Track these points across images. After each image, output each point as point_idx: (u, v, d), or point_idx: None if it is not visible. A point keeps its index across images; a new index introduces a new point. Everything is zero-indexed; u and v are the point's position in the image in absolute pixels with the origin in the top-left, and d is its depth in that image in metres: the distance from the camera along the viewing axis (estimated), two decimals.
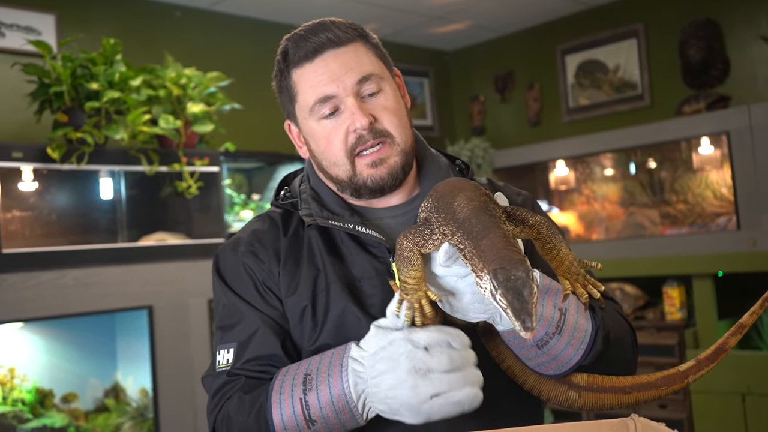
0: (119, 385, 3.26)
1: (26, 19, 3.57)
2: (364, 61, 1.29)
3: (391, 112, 1.29)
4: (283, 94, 1.36)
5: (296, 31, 1.32)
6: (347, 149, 1.28)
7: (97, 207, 3.25)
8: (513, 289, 0.94)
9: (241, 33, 4.42)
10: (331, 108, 1.28)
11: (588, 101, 4.80)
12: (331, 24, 1.30)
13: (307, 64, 1.29)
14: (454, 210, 1.06)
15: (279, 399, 1.15)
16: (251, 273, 1.32)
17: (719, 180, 3.96)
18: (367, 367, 1.09)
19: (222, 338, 1.30)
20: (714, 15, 4.24)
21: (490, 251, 0.99)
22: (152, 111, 3.24)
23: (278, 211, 1.39)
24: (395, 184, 1.31)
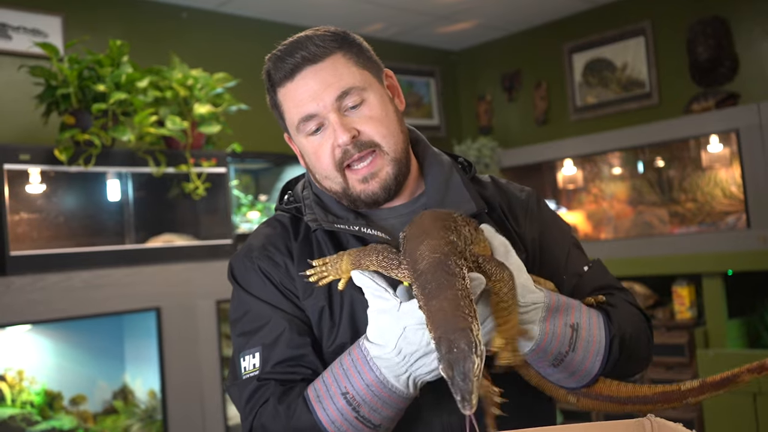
0: (127, 387, 3.26)
1: (33, 21, 3.58)
2: (343, 74, 1.27)
3: (377, 121, 1.28)
4: (275, 111, 1.37)
5: (275, 51, 1.33)
6: (335, 163, 1.28)
7: (105, 209, 3.25)
8: (455, 362, 0.92)
9: (247, 34, 4.42)
10: (316, 125, 1.28)
11: (595, 100, 4.78)
12: (306, 40, 1.29)
13: (288, 84, 1.30)
14: (416, 259, 1.06)
15: (321, 405, 1.15)
16: (269, 276, 1.32)
17: (728, 178, 3.94)
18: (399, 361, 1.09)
19: (246, 344, 1.29)
20: (722, 12, 4.21)
21: (437, 314, 0.97)
22: (159, 112, 3.24)
23: (286, 216, 1.40)
24: (389, 196, 1.31)
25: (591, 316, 1.20)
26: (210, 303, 3.25)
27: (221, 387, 3.25)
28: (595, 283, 1.36)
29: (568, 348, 1.15)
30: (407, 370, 1.09)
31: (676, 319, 3.90)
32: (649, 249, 3.97)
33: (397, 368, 1.09)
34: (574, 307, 1.19)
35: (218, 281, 3.29)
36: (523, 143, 4.94)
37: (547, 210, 1.44)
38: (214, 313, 3.26)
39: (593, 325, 1.19)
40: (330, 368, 1.18)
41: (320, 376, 1.19)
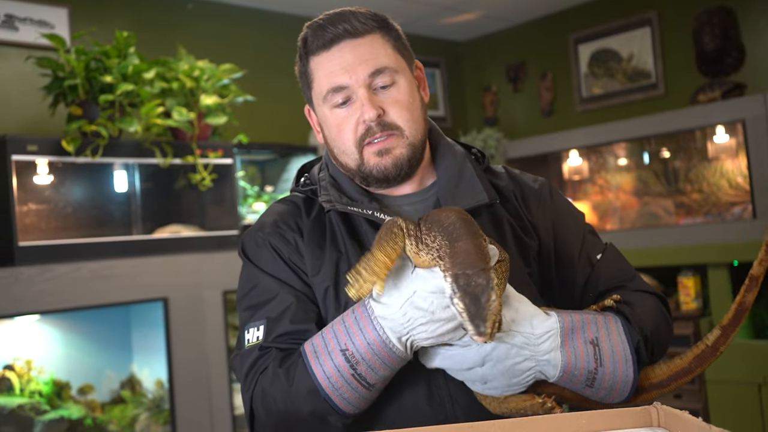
0: (135, 377, 3.28)
1: (39, 12, 3.58)
2: (380, 53, 1.30)
3: (402, 105, 1.30)
4: (303, 79, 1.38)
5: (316, 20, 1.33)
6: (356, 139, 1.30)
7: (112, 200, 3.26)
8: (471, 295, 0.96)
9: (253, 25, 4.42)
10: (344, 98, 1.30)
11: (601, 90, 4.77)
12: (350, 14, 1.31)
13: (323, 53, 1.30)
14: (440, 219, 1.07)
15: (317, 360, 1.15)
16: (279, 252, 1.34)
17: (734, 169, 3.94)
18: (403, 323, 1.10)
19: (252, 317, 1.31)
20: (728, 2, 4.20)
21: (460, 254, 1.01)
22: (166, 103, 3.24)
23: (300, 196, 1.42)
24: (399, 174, 1.32)
25: (608, 326, 1.21)
26: (217, 293, 3.26)
27: (228, 377, 3.27)
28: (609, 270, 1.38)
29: (595, 364, 1.17)
30: (409, 333, 1.10)
31: (681, 309, 3.90)
32: (654, 240, 3.97)
33: (400, 329, 1.10)
34: (589, 322, 1.20)
35: (225, 272, 3.30)
36: (528, 134, 4.94)
37: (560, 199, 1.46)
38: (221, 303, 3.27)
39: (612, 334, 1.20)
40: (330, 325, 1.18)
41: (319, 333, 1.19)
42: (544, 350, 1.13)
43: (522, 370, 1.13)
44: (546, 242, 1.38)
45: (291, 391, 1.17)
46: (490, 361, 1.11)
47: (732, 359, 3.54)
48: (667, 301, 1.39)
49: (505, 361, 1.11)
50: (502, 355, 1.11)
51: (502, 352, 1.11)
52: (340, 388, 1.14)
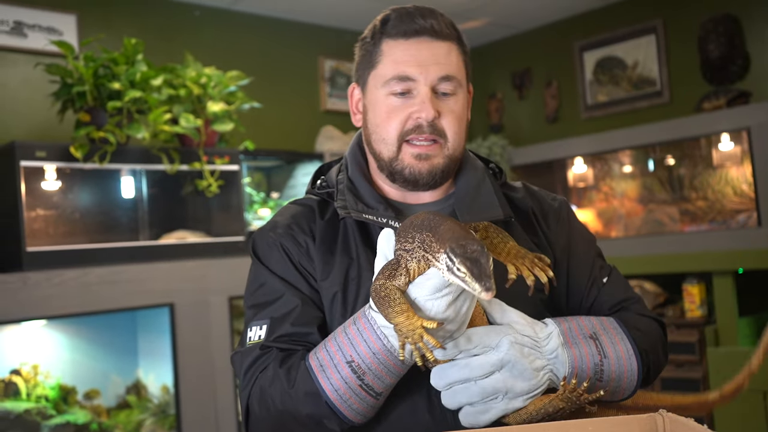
0: (141, 382, 3.29)
1: (48, 19, 3.61)
2: (453, 62, 1.31)
3: (455, 116, 1.32)
4: (364, 57, 1.37)
5: (404, 6, 1.34)
6: (401, 132, 1.31)
7: (119, 205, 3.28)
8: (470, 259, 0.97)
9: (259, 32, 4.44)
10: (404, 89, 1.30)
11: (606, 98, 4.78)
12: (437, 15, 1.32)
13: (401, 40, 1.31)
14: (411, 221, 1.09)
15: (324, 373, 1.15)
16: (289, 253, 1.34)
17: (739, 176, 3.94)
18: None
19: (255, 315, 1.31)
20: (733, 10, 4.21)
21: (447, 233, 1.02)
22: (173, 110, 3.26)
23: (315, 198, 1.42)
24: (429, 182, 1.33)
25: (603, 323, 1.25)
26: (222, 299, 3.28)
27: (233, 382, 3.28)
28: (614, 293, 1.40)
29: (599, 356, 1.19)
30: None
31: (686, 317, 3.90)
32: (659, 247, 3.97)
33: None
34: (584, 322, 1.23)
35: (231, 278, 3.32)
36: (533, 141, 4.95)
37: (575, 220, 1.48)
38: (227, 309, 3.28)
39: (609, 329, 1.24)
40: (332, 338, 1.18)
41: (322, 345, 1.19)
42: (551, 349, 1.16)
43: (537, 369, 1.14)
44: (560, 260, 1.40)
45: (290, 393, 1.18)
46: (507, 364, 1.12)
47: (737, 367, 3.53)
48: (665, 327, 1.41)
49: (522, 361, 1.12)
50: (517, 356, 1.12)
51: (516, 353, 1.12)
52: (348, 400, 1.14)
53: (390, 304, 1.05)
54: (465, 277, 0.97)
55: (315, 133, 4.45)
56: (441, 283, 1.05)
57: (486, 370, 1.12)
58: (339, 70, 4.77)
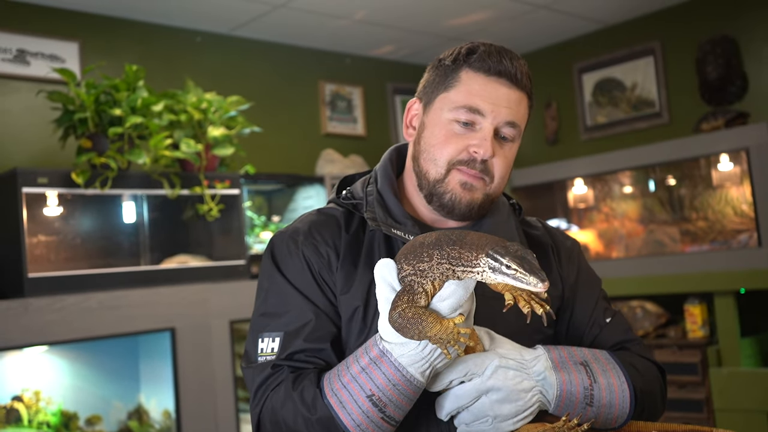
0: (142, 407, 3.28)
1: (50, 47, 3.65)
2: (521, 112, 1.36)
3: (506, 162, 1.36)
4: (439, 77, 1.38)
5: (495, 44, 1.37)
6: (453, 160, 1.33)
7: (120, 231, 3.29)
8: (518, 256, 1.01)
9: (260, 56, 4.48)
10: (469, 120, 1.32)
11: (606, 119, 4.80)
12: (523, 63, 1.37)
13: (482, 74, 1.33)
14: (421, 242, 1.11)
15: (345, 410, 1.15)
16: (310, 264, 1.32)
17: (739, 196, 3.95)
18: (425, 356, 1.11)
19: (267, 325, 1.30)
20: (731, 31, 4.23)
21: (478, 240, 1.05)
22: (174, 135, 3.29)
23: (340, 210, 1.41)
24: (465, 214, 1.35)
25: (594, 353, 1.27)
26: (224, 323, 3.28)
27: (235, 407, 3.27)
28: (615, 333, 1.42)
29: (589, 381, 1.21)
30: (430, 364, 1.12)
31: (688, 337, 3.89)
32: (660, 267, 3.97)
33: (421, 363, 1.11)
34: (574, 350, 1.26)
35: (232, 302, 3.32)
36: (534, 163, 4.97)
37: (584, 261, 1.51)
38: (228, 333, 3.28)
39: (600, 358, 1.26)
40: (346, 370, 1.18)
41: (336, 378, 1.18)
42: (538, 371, 1.17)
43: (525, 390, 1.15)
44: (568, 297, 1.43)
45: (307, 418, 1.18)
46: (492, 388, 1.14)
47: (740, 388, 3.53)
48: (665, 374, 1.42)
49: (507, 382, 1.14)
50: (500, 379, 1.14)
51: (500, 378, 1.14)
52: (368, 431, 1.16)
53: (421, 321, 1.06)
54: (516, 274, 1.00)
55: (315, 157, 4.47)
56: (458, 302, 1.08)
57: (473, 396, 1.14)
58: (339, 93, 4.80)
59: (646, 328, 4.03)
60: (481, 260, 1.03)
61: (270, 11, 4.01)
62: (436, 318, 1.07)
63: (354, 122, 4.86)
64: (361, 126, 4.90)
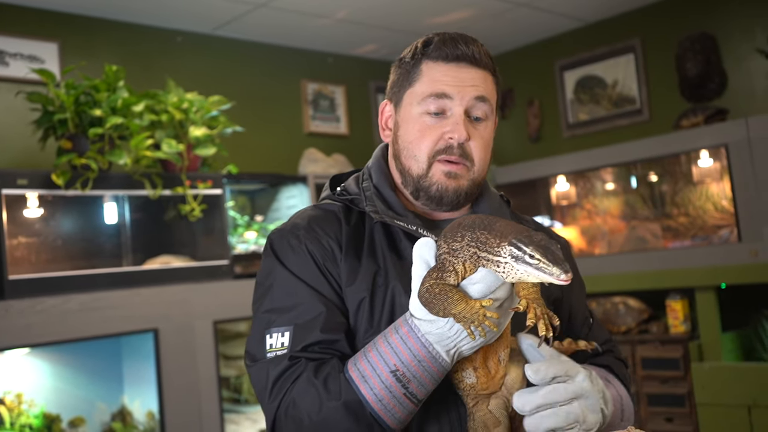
0: (126, 409, 3.27)
1: (30, 48, 3.62)
2: (488, 88, 1.36)
3: (484, 143, 1.36)
4: (402, 75, 1.41)
5: (448, 32, 1.39)
6: (432, 151, 1.34)
7: (102, 232, 3.27)
8: (542, 246, 1.00)
9: (242, 56, 4.47)
10: (439, 108, 1.34)
11: (587, 116, 4.82)
12: (480, 44, 1.38)
13: (442, 63, 1.35)
14: (460, 222, 1.11)
15: (367, 384, 1.15)
16: (314, 256, 1.32)
17: (719, 192, 3.98)
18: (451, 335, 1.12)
19: (275, 321, 1.27)
20: (710, 28, 4.27)
21: (505, 228, 1.05)
22: (155, 136, 3.27)
23: (337, 204, 1.41)
24: (453, 202, 1.36)
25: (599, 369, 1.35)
26: (207, 323, 3.27)
27: (219, 407, 3.27)
28: (600, 334, 1.49)
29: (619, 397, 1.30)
30: (456, 345, 1.12)
31: (670, 333, 3.92)
32: (642, 263, 4.00)
33: (447, 342, 1.11)
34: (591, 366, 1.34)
35: (215, 302, 3.31)
36: (516, 160, 4.98)
37: (574, 262, 1.53)
38: (212, 333, 3.28)
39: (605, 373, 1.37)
40: (373, 347, 1.17)
41: (362, 355, 1.18)
42: (600, 388, 1.19)
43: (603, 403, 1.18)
44: (565, 295, 1.45)
45: (330, 405, 1.16)
46: (585, 393, 1.16)
47: (722, 382, 3.56)
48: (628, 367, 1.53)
49: (595, 393, 1.16)
50: (591, 387, 1.16)
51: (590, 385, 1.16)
52: (392, 409, 1.15)
53: (446, 298, 1.07)
54: (539, 264, 1.00)
55: (298, 156, 4.46)
56: (488, 288, 1.08)
57: (568, 397, 1.15)
58: (322, 92, 4.80)
59: (629, 323, 4.06)
60: (504, 248, 1.03)
61: (251, 10, 4.00)
62: (463, 297, 1.07)
63: (337, 121, 4.86)
64: (344, 125, 4.90)
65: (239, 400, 3.73)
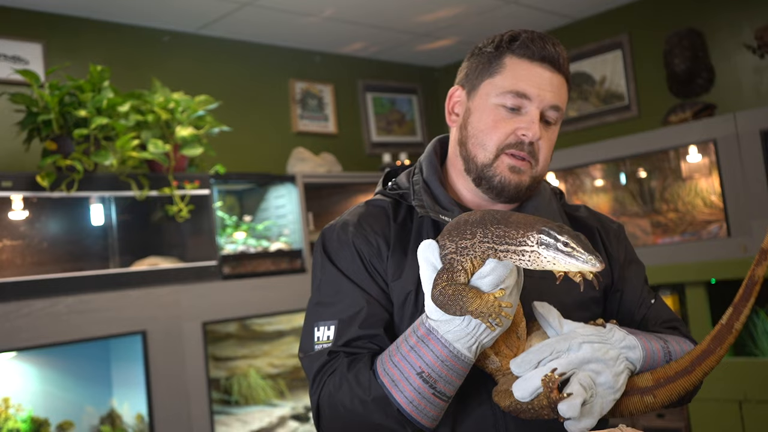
0: (115, 412, 3.25)
1: (13, 48, 3.59)
2: (562, 95, 1.40)
3: (550, 145, 1.41)
4: (483, 63, 1.42)
5: (536, 32, 1.41)
6: (502, 144, 1.37)
7: (89, 233, 3.25)
8: (574, 236, 1.03)
9: (229, 55, 4.44)
10: (516, 104, 1.36)
11: (576, 113, 4.82)
12: (563, 49, 1.41)
13: (526, 60, 1.38)
14: (465, 219, 1.13)
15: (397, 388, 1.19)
16: (360, 253, 1.37)
17: (708, 187, 3.98)
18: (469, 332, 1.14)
19: (322, 315, 1.35)
20: (697, 24, 4.27)
21: (525, 219, 1.07)
22: (141, 136, 3.25)
23: (387, 200, 1.46)
24: (512, 196, 1.40)
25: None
26: (196, 325, 3.25)
27: (209, 409, 3.25)
28: (662, 313, 1.48)
29: (662, 341, 1.29)
30: (476, 340, 1.14)
31: None
32: None
33: (467, 339, 1.14)
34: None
35: (204, 303, 3.29)
36: None
37: (629, 244, 1.56)
38: (201, 335, 3.25)
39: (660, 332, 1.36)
40: (396, 350, 1.21)
41: (388, 358, 1.22)
42: (618, 338, 1.21)
43: (613, 358, 1.18)
44: (618, 276, 1.48)
45: (363, 400, 1.22)
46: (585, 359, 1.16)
47: (712, 377, 3.55)
48: None
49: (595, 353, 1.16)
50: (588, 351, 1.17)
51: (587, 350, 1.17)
52: (424, 409, 1.19)
53: (461, 296, 1.09)
54: (573, 252, 1.03)
55: (287, 155, 4.44)
56: (498, 279, 1.10)
57: (571, 367, 1.16)
58: (310, 91, 4.78)
59: None
60: (531, 237, 1.05)
61: (237, 9, 3.97)
62: (476, 293, 1.10)
63: (325, 120, 4.84)
64: (333, 124, 4.88)
65: (229, 402, 3.71)
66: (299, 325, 3.94)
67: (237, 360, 3.74)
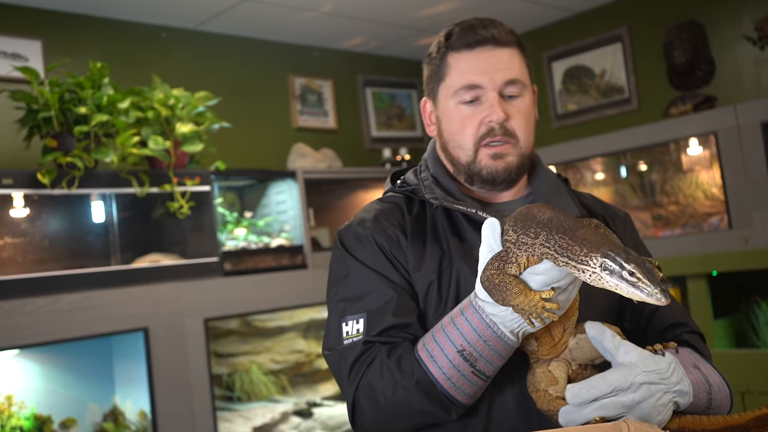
0: (118, 409, 3.25)
1: (13, 45, 3.58)
2: (516, 66, 1.39)
3: (523, 116, 1.40)
4: (433, 71, 1.45)
5: (466, 20, 1.42)
6: (476, 138, 1.39)
7: (90, 230, 3.25)
8: (640, 264, 0.98)
9: (228, 51, 4.44)
10: (473, 96, 1.38)
11: (576, 107, 4.82)
12: (497, 25, 1.40)
13: (465, 52, 1.39)
14: (534, 215, 1.09)
15: (435, 363, 1.19)
16: (381, 247, 1.38)
17: (709, 180, 3.98)
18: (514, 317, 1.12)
19: (349, 309, 1.33)
20: (697, 16, 4.26)
21: (591, 238, 1.01)
22: (141, 133, 3.25)
23: (399, 196, 1.48)
24: (506, 180, 1.40)
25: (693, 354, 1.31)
26: (198, 321, 3.25)
27: (212, 405, 3.25)
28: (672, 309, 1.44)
29: (708, 384, 1.23)
30: (520, 326, 1.13)
31: None
32: None
33: (511, 323, 1.13)
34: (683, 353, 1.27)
35: (206, 299, 3.29)
36: None
37: (636, 233, 1.55)
38: (203, 331, 3.26)
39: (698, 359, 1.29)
40: (440, 328, 1.21)
41: (430, 337, 1.22)
42: (676, 380, 1.15)
43: (663, 405, 1.13)
44: None
45: (403, 385, 1.21)
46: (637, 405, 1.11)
47: None
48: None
49: (650, 399, 1.12)
50: (645, 395, 1.11)
51: (644, 394, 1.11)
52: (461, 386, 1.19)
53: (506, 288, 1.08)
54: (639, 283, 0.97)
55: (287, 151, 4.44)
56: (550, 280, 1.07)
57: (618, 412, 1.12)
58: (309, 87, 4.77)
59: None
60: (594, 259, 0.99)
61: (236, 5, 3.97)
62: (523, 288, 1.08)
63: (325, 115, 4.84)
64: (333, 119, 4.87)
65: (232, 398, 3.72)
66: (301, 321, 3.95)
67: (239, 356, 3.74)
